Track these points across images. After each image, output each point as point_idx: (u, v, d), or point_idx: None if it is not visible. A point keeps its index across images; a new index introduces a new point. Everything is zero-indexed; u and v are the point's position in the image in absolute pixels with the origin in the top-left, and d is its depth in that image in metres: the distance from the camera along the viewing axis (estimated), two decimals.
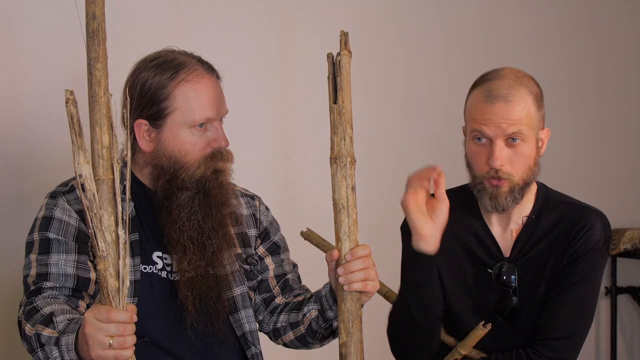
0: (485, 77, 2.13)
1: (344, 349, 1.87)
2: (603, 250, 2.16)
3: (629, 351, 4.36)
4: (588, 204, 2.21)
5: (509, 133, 2.06)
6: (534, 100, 2.09)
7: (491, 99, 2.07)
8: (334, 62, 1.86)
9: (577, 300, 2.12)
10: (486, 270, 2.17)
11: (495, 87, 2.08)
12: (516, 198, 2.11)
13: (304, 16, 3.29)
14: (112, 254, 1.65)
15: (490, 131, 2.07)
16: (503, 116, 2.05)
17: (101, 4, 1.63)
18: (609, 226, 2.17)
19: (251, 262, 2.19)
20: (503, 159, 2.07)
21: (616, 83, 4.24)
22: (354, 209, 1.87)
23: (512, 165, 2.08)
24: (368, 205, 2.34)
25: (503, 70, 2.13)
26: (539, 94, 2.12)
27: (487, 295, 2.17)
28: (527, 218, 2.17)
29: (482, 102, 2.08)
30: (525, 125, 2.07)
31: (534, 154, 2.11)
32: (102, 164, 1.64)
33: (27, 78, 2.64)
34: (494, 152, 2.07)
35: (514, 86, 2.08)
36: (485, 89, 2.09)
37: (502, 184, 2.09)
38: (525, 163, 2.09)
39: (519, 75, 2.12)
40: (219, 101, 2.07)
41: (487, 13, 3.82)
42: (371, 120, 3.42)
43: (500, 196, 2.09)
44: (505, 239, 2.19)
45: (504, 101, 2.06)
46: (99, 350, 1.66)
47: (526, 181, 2.11)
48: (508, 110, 2.06)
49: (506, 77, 2.10)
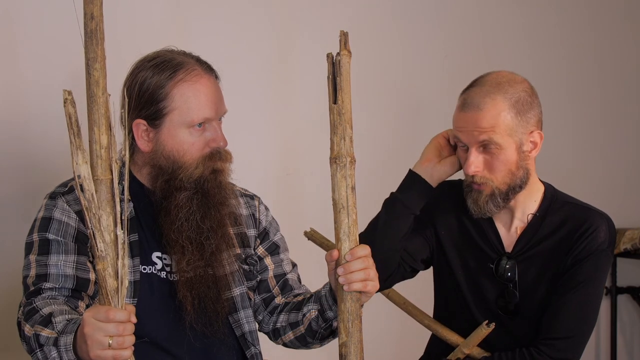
0: (470, 84, 2.18)
1: (343, 349, 1.87)
2: (607, 252, 2.18)
3: (629, 351, 4.36)
4: (593, 206, 2.23)
5: (479, 140, 2.10)
6: (511, 107, 2.10)
7: (465, 107, 2.12)
8: (333, 62, 1.86)
9: (580, 301, 2.14)
10: (488, 265, 2.20)
11: (471, 95, 2.13)
12: (497, 203, 2.14)
13: (304, 16, 3.29)
14: (111, 254, 1.65)
15: (464, 138, 2.13)
16: (474, 124, 2.10)
17: (99, 4, 1.63)
18: (614, 228, 2.20)
19: (250, 262, 2.18)
20: (477, 165, 2.12)
21: (616, 82, 4.24)
22: (353, 209, 1.87)
23: (490, 171, 2.13)
24: (368, 205, 2.33)
25: (488, 76, 2.16)
26: (523, 98, 2.11)
27: (488, 289, 2.21)
28: (533, 216, 2.19)
29: (459, 109, 2.15)
30: (499, 133, 2.09)
31: (514, 159, 2.12)
32: (100, 164, 1.64)
33: (26, 78, 2.64)
34: (468, 158, 2.13)
35: (490, 94, 2.10)
36: (463, 97, 2.15)
37: (482, 189, 2.14)
38: (504, 168, 2.12)
39: (501, 81, 2.12)
40: (218, 101, 2.07)
41: (487, 13, 3.81)
42: (371, 120, 3.42)
43: (480, 200, 2.14)
44: (510, 236, 2.22)
45: (475, 110, 2.10)
46: (98, 350, 1.66)
47: (509, 185, 2.14)
48: (478, 118, 2.09)
49: (485, 84, 2.13)
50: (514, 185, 2.14)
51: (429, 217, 2.28)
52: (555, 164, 3.80)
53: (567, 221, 2.18)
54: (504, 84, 2.11)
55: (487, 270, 2.21)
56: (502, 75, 2.14)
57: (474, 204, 2.15)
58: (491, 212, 2.15)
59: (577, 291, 2.13)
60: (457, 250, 2.26)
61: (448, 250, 2.26)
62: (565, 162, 4.01)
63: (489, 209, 2.14)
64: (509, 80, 2.13)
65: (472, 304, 2.23)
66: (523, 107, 2.11)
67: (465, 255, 2.25)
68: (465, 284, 2.24)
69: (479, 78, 2.16)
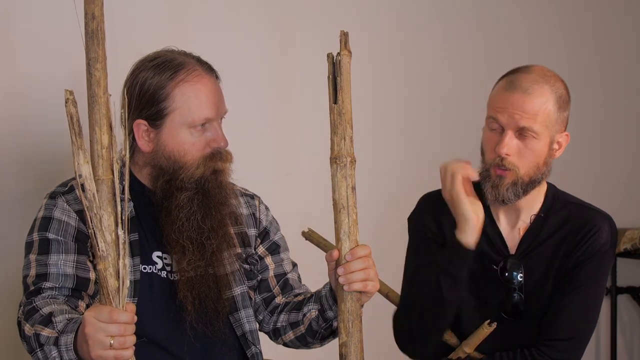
0: (514, 70, 2.15)
1: (344, 349, 1.87)
2: (609, 254, 2.17)
3: (629, 351, 4.36)
4: (596, 206, 2.22)
5: (520, 125, 2.07)
6: (556, 99, 2.09)
7: (511, 88, 2.09)
8: (334, 62, 1.86)
9: (582, 302, 2.13)
10: (492, 267, 2.18)
11: (519, 78, 2.10)
12: (518, 192, 2.11)
13: (304, 16, 3.29)
14: (112, 254, 1.65)
15: (503, 119, 2.08)
16: (519, 107, 2.06)
17: (100, 4, 1.63)
18: (615, 229, 2.19)
19: (251, 262, 2.18)
20: (511, 148, 2.08)
21: (616, 82, 4.24)
22: (354, 209, 1.87)
23: (519, 158, 2.09)
24: (368, 205, 2.34)
25: (534, 66, 2.15)
26: (564, 96, 2.12)
27: (492, 292, 2.18)
28: (536, 216, 2.18)
29: (502, 90, 2.10)
30: (540, 122, 2.07)
31: (544, 153, 2.11)
32: (101, 164, 1.64)
33: (27, 78, 2.64)
34: (502, 139, 2.08)
35: (538, 81, 2.09)
36: (509, 79, 2.12)
37: (505, 174, 2.09)
38: (534, 159, 2.10)
39: (548, 74, 2.13)
40: (218, 101, 2.07)
41: (488, 13, 3.81)
42: (371, 120, 3.42)
43: (501, 186, 2.10)
44: (513, 237, 2.20)
45: (523, 92, 2.07)
46: (99, 350, 1.66)
47: (532, 178, 2.11)
48: (525, 101, 2.06)
49: (533, 72, 2.11)
50: (535, 179, 2.12)
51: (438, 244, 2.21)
52: (555, 163, 3.79)
53: (569, 221, 2.17)
54: (551, 77, 2.11)
55: (491, 273, 2.18)
56: (547, 69, 2.14)
57: (493, 189, 2.10)
58: (509, 200, 2.11)
59: (578, 292, 2.12)
60: None
61: None
62: (565, 161, 3.99)
63: (508, 197, 2.10)
64: (555, 76, 2.13)
65: (474, 307, 2.19)
66: (563, 104, 2.11)
67: None
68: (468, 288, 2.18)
69: (522, 67, 2.14)
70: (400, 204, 2.32)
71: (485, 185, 2.12)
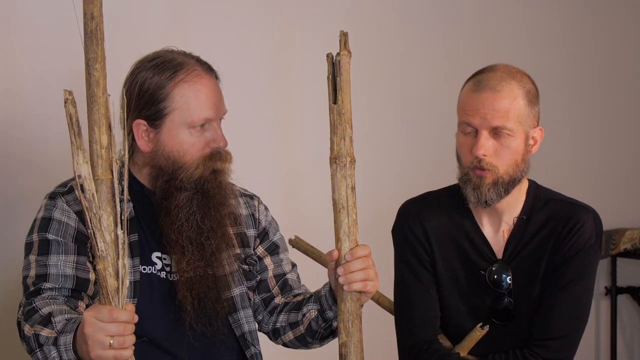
0: (478, 71, 2.15)
1: (343, 349, 1.87)
2: (595, 248, 2.15)
3: (629, 351, 4.36)
4: (578, 201, 2.20)
5: (494, 125, 2.06)
6: (524, 94, 2.09)
7: (479, 88, 2.08)
8: (333, 62, 1.86)
9: (571, 299, 2.11)
10: (479, 273, 2.17)
11: (485, 78, 2.09)
12: (499, 192, 2.09)
13: (303, 16, 3.29)
14: (112, 254, 1.65)
15: (476, 121, 2.07)
16: (489, 106, 2.06)
17: (99, 4, 1.63)
18: (600, 222, 2.16)
19: (250, 262, 2.18)
20: (487, 148, 2.07)
21: (616, 82, 4.24)
22: (353, 209, 1.87)
23: (497, 157, 2.08)
24: (368, 205, 2.33)
25: (497, 65, 2.14)
26: (533, 90, 2.12)
27: (481, 297, 2.16)
28: (518, 219, 2.17)
29: (471, 92, 2.10)
30: (513, 119, 2.06)
31: (521, 150, 2.10)
32: (101, 164, 1.64)
33: (26, 78, 2.64)
34: (478, 141, 2.07)
35: (505, 78, 2.08)
36: (475, 80, 2.11)
37: (485, 175, 2.08)
38: (512, 157, 2.08)
39: (513, 70, 2.12)
40: (218, 101, 2.07)
41: (487, 13, 3.81)
42: (371, 120, 3.42)
43: (483, 187, 2.08)
44: (497, 240, 2.18)
45: (491, 91, 2.07)
46: (98, 350, 1.66)
47: (512, 176, 2.10)
48: (495, 99, 2.06)
49: (498, 70, 2.11)
50: (515, 177, 2.10)
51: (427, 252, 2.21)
52: (554, 163, 3.80)
53: (553, 219, 2.15)
54: (517, 73, 2.11)
55: (478, 279, 2.16)
56: (512, 66, 2.14)
57: (475, 191, 2.09)
58: (492, 200, 2.09)
59: (567, 290, 2.10)
60: (446, 262, 2.19)
61: (439, 266, 2.19)
62: (565, 161, 4.01)
63: (490, 197, 2.08)
64: (520, 71, 2.13)
65: (464, 313, 2.18)
66: (533, 99, 2.11)
67: (454, 267, 2.19)
68: (457, 295, 2.18)
69: (486, 67, 2.14)
70: (400, 204, 2.31)
71: (466, 189, 2.11)
